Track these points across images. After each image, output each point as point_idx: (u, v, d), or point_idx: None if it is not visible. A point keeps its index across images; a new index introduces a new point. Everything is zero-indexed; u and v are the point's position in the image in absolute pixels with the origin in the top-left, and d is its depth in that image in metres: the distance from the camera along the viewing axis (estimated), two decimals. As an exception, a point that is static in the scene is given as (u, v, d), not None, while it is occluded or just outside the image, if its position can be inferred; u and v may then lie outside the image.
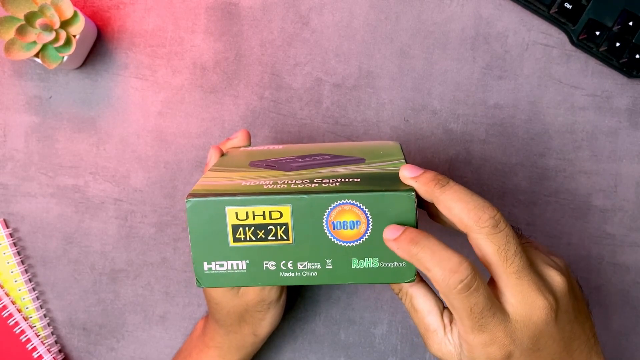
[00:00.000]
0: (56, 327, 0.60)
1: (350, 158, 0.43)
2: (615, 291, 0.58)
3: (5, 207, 0.59)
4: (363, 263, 0.36)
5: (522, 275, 0.34)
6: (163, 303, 0.59)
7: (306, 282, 0.37)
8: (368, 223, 0.35)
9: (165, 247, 0.59)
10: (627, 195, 0.58)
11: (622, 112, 0.57)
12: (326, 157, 0.43)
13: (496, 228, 0.34)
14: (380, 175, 0.38)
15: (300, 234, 0.36)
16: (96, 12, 0.58)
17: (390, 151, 0.44)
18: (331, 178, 0.37)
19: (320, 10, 0.57)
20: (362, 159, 0.42)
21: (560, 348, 0.36)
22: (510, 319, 0.34)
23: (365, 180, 0.37)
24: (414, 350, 0.59)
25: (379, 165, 0.40)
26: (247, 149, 0.48)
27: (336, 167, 0.40)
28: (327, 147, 0.47)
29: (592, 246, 0.58)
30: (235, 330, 0.49)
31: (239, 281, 0.37)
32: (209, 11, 0.58)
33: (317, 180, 0.37)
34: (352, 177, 0.38)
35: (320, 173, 0.39)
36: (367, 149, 0.45)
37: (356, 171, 0.39)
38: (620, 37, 0.54)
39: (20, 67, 0.58)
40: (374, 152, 0.44)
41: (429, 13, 0.57)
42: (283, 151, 0.46)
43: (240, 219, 0.35)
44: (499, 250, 0.34)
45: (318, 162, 0.42)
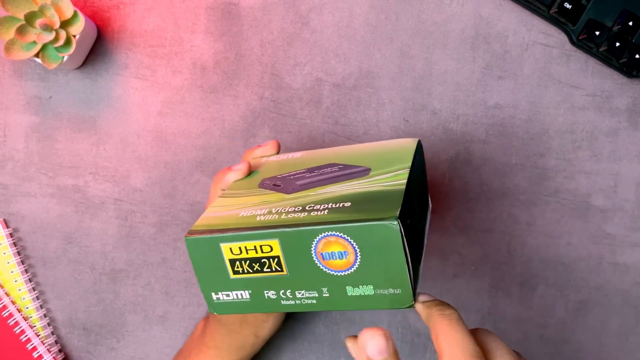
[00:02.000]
0: (56, 327, 0.60)
1: (357, 169, 0.42)
2: (615, 291, 0.58)
3: (5, 207, 0.59)
4: (358, 290, 0.36)
5: None
6: (163, 303, 0.59)
7: (306, 309, 0.37)
8: (356, 253, 0.35)
9: (165, 247, 0.59)
10: (627, 195, 0.58)
11: (622, 112, 0.57)
12: (335, 168, 0.43)
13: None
14: (374, 195, 0.37)
15: (293, 265, 0.36)
16: (96, 12, 0.58)
17: (400, 155, 0.43)
18: (323, 203, 0.37)
19: (320, 10, 0.57)
20: (367, 170, 0.42)
21: None
22: None
23: (355, 204, 0.36)
24: (414, 350, 0.59)
25: (381, 179, 0.40)
26: (269, 160, 0.48)
27: (339, 184, 0.40)
28: (340, 154, 0.47)
29: (592, 246, 0.58)
30: (236, 330, 0.49)
31: (246, 309, 0.38)
32: (209, 11, 0.58)
33: (308, 207, 0.37)
34: (344, 200, 0.37)
35: (317, 196, 0.39)
36: (379, 153, 0.45)
37: (354, 190, 0.39)
38: (620, 37, 0.54)
39: (20, 67, 0.58)
40: (384, 157, 0.44)
41: (429, 13, 0.57)
42: (299, 161, 0.46)
43: (234, 253, 0.36)
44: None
45: (324, 176, 0.42)
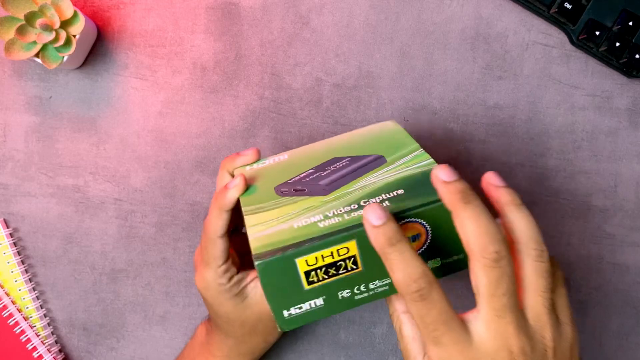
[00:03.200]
0: (56, 327, 0.60)
1: (368, 159, 0.43)
2: (615, 291, 0.58)
3: (5, 207, 0.59)
4: (429, 265, 0.38)
5: (503, 315, 0.34)
6: (163, 303, 0.59)
7: (379, 297, 0.38)
8: (427, 233, 0.37)
9: (165, 247, 0.59)
10: (627, 195, 0.58)
11: (622, 112, 0.57)
12: (344, 161, 0.44)
13: (495, 263, 0.34)
14: (417, 178, 0.39)
15: (368, 260, 0.37)
16: (96, 12, 0.58)
17: (399, 140, 0.45)
18: (375, 196, 0.38)
19: (320, 10, 0.57)
20: (381, 158, 0.43)
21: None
22: (473, 346, 0.35)
23: (409, 191, 0.38)
24: (414, 350, 0.59)
25: (404, 165, 0.41)
26: (254, 169, 0.47)
27: (367, 175, 0.41)
28: (334, 146, 0.47)
29: (592, 246, 0.58)
30: (245, 340, 0.49)
31: (319, 315, 0.38)
32: (209, 11, 0.58)
33: (363, 202, 0.38)
34: (394, 189, 0.39)
35: (359, 191, 0.40)
36: (373, 140, 0.46)
37: (392, 178, 0.40)
38: (620, 37, 0.54)
39: (20, 67, 0.58)
40: (385, 143, 0.44)
41: (429, 13, 0.57)
42: (293, 163, 0.46)
43: (310, 264, 0.36)
44: (489, 284, 0.34)
45: (343, 171, 0.42)
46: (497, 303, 0.34)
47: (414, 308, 0.35)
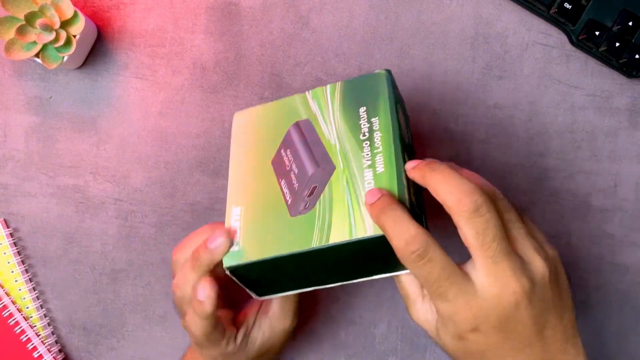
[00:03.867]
0: (56, 327, 0.60)
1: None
2: (615, 291, 0.58)
3: (5, 207, 0.59)
4: None
5: (499, 260, 0.35)
6: (163, 303, 0.59)
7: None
8: None
9: (166, 247, 0.59)
10: (627, 195, 0.58)
11: (622, 112, 0.57)
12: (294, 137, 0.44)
13: (476, 213, 0.35)
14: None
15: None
16: (96, 12, 0.58)
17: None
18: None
19: (320, 10, 0.57)
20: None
21: (532, 333, 0.36)
22: (477, 295, 0.36)
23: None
24: (414, 350, 0.59)
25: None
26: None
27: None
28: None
29: (592, 246, 0.58)
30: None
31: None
32: (209, 11, 0.58)
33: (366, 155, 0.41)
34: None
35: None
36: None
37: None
38: (620, 37, 0.54)
39: (20, 67, 0.58)
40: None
41: (429, 13, 0.57)
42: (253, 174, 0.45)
43: None
44: (477, 235, 0.35)
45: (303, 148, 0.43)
46: (489, 251, 0.35)
47: (415, 269, 0.35)
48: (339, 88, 0.44)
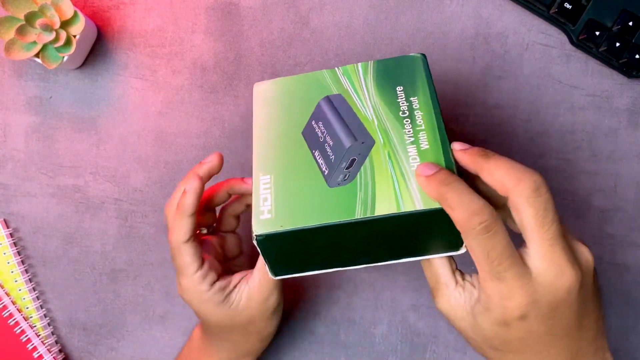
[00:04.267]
0: (56, 327, 0.60)
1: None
2: (615, 291, 0.58)
3: (6, 207, 0.59)
4: None
5: (555, 243, 0.35)
6: (163, 303, 0.59)
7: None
8: None
9: (165, 247, 0.59)
10: (627, 195, 0.58)
11: (622, 112, 0.57)
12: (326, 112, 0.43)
13: (536, 192, 0.34)
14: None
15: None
16: (96, 12, 0.58)
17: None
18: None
19: (320, 10, 0.57)
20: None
21: (574, 321, 0.36)
22: (533, 279, 0.35)
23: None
24: (414, 350, 0.59)
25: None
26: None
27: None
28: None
29: (592, 246, 0.58)
30: (241, 342, 0.49)
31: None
32: (209, 11, 0.58)
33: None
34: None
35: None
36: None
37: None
38: (620, 37, 0.54)
39: (20, 67, 0.58)
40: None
41: (429, 13, 0.57)
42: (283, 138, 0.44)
43: None
44: (537, 215, 0.34)
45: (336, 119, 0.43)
46: (548, 233, 0.35)
47: (478, 242, 0.34)
48: (372, 67, 0.44)
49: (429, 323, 0.59)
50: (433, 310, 0.59)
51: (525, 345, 0.37)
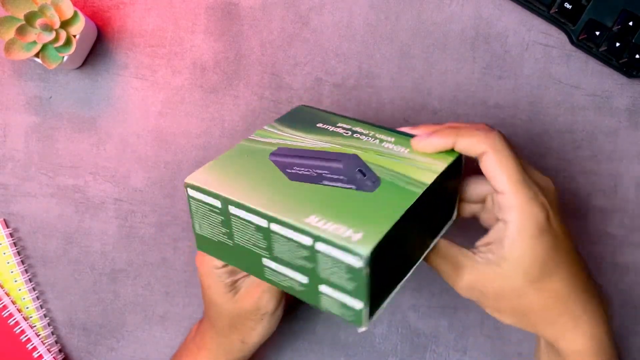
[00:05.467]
0: (56, 327, 0.60)
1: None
2: (615, 291, 0.58)
3: (5, 207, 0.59)
4: None
5: (526, 178, 0.40)
6: (163, 303, 0.59)
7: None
8: None
9: (165, 247, 0.59)
10: (627, 195, 0.58)
11: (622, 112, 0.57)
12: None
13: (502, 143, 0.40)
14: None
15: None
16: (96, 12, 0.58)
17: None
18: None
19: (320, 10, 0.57)
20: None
21: (570, 235, 0.42)
22: (539, 185, 0.41)
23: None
24: (414, 350, 0.59)
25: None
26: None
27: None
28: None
29: (592, 246, 0.58)
30: (224, 334, 0.49)
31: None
32: (209, 11, 0.58)
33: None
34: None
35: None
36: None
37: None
38: (620, 37, 0.54)
39: (20, 67, 0.58)
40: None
41: (429, 13, 0.57)
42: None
43: None
44: (514, 156, 0.39)
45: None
46: (519, 174, 0.39)
47: (505, 153, 0.39)
48: (279, 123, 0.45)
49: (429, 323, 0.59)
50: (433, 310, 0.59)
51: (556, 263, 0.40)
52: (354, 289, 0.35)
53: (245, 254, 0.40)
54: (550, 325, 0.42)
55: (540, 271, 0.40)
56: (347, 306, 0.36)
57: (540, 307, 0.41)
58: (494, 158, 0.39)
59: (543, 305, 0.41)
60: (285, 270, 0.38)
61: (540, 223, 0.39)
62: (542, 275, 0.40)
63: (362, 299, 0.35)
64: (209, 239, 0.42)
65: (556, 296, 0.41)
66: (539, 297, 0.41)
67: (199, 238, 0.42)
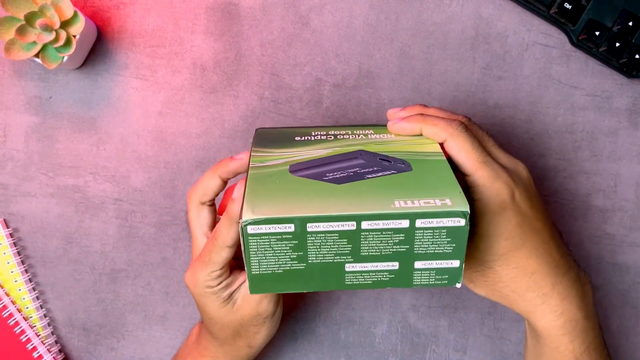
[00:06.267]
0: (56, 327, 0.60)
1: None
2: (615, 291, 0.58)
3: (5, 207, 0.59)
4: None
5: (488, 160, 0.43)
6: (163, 303, 0.59)
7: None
8: None
9: (165, 247, 0.59)
10: (627, 195, 0.58)
11: (622, 112, 0.57)
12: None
13: (464, 132, 0.42)
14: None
15: None
16: (96, 12, 0.58)
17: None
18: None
19: (320, 10, 0.57)
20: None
21: (543, 209, 0.45)
22: (504, 166, 0.43)
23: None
24: (414, 350, 0.59)
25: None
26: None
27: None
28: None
29: (592, 246, 0.58)
30: (229, 343, 0.49)
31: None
32: (209, 11, 0.58)
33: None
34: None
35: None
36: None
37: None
38: (620, 37, 0.54)
39: (20, 67, 0.58)
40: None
41: (429, 13, 0.57)
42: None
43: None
44: (472, 141, 0.42)
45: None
46: (482, 156, 0.42)
47: (464, 138, 0.42)
48: (260, 147, 0.44)
49: (429, 323, 0.59)
50: (433, 310, 0.59)
51: (522, 239, 0.42)
52: (452, 250, 0.38)
53: (322, 271, 0.38)
54: (520, 299, 0.44)
55: (505, 245, 0.42)
56: (444, 270, 0.39)
57: (507, 280, 0.43)
58: (454, 144, 0.42)
59: (511, 278, 0.43)
60: (373, 266, 0.39)
61: (503, 200, 0.42)
62: (506, 250, 0.42)
63: (460, 256, 0.38)
64: (271, 275, 0.39)
65: (523, 270, 0.43)
66: (506, 269, 0.43)
67: (256, 279, 0.39)
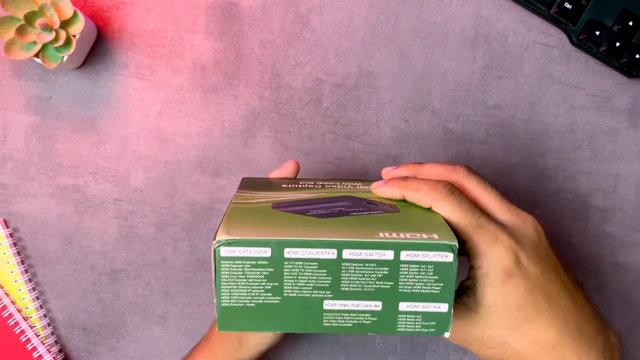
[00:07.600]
0: (56, 327, 0.60)
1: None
2: (615, 291, 0.58)
3: (5, 207, 0.59)
4: None
5: (483, 223, 0.38)
6: (163, 303, 0.59)
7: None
8: None
9: (165, 247, 0.59)
10: (627, 195, 0.58)
11: (622, 112, 0.57)
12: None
13: (451, 195, 0.39)
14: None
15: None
16: (96, 12, 0.58)
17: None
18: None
19: (320, 10, 0.57)
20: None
21: (560, 267, 0.40)
22: (506, 226, 0.39)
23: None
24: (414, 350, 0.59)
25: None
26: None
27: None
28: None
29: (592, 246, 0.58)
30: (220, 341, 0.50)
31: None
32: (209, 11, 0.58)
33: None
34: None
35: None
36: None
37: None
38: (620, 37, 0.54)
39: (20, 67, 0.58)
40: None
41: (429, 13, 0.57)
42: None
43: None
44: (461, 204, 0.38)
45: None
46: (473, 218, 0.38)
47: (449, 202, 0.38)
48: (245, 191, 0.44)
49: (429, 323, 0.59)
50: (433, 310, 0.59)
51: (536, 309, 0.37)
52: (440, 291, 0.35)
53: (298, 307, 0.35)
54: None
55: (517, 318, 0.37)
56: (431, 315, 0.35)
57: (527, 356, 0.38)
58: (441, 210, 0.38)
59: (530, 354, 0.38)
60: (354, 305, 0.35)
61: (507, 266, 0.37)
62: (521, 322, 0.37)
63: (449, 300, 0.35)
64: (242, 308, 0.35)
65: (543, 345, 0.38)
66: (523, 345, 0.38)
67: (226, 313, 0.35)
